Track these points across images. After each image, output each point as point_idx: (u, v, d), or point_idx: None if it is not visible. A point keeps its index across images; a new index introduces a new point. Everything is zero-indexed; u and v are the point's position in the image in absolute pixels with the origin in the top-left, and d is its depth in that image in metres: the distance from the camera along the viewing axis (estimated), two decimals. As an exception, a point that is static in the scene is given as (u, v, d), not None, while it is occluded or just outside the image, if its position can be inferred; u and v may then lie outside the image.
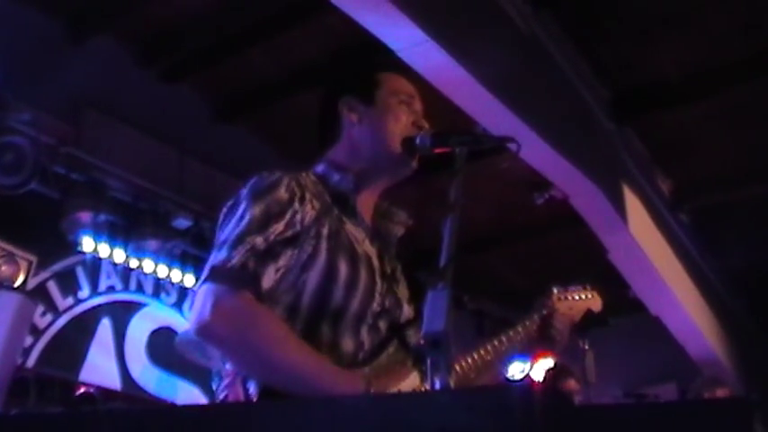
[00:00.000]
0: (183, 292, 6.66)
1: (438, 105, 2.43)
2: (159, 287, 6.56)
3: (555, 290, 2.54)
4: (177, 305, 6.67)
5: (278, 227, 1.97)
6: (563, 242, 7.60)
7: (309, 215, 2.02)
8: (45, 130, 5.61)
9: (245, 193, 2.05)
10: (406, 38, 4.45)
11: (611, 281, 6.84)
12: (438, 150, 2.14)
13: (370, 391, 1.83)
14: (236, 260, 1.90)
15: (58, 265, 5.90)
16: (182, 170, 6.61)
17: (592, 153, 6.05)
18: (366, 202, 2.22)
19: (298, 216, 2.00)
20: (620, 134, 6.63)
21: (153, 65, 6.40)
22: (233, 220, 2.00)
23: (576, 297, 2.58)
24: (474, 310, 8.46)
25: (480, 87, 4.81)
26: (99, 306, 6.15)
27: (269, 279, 1.93)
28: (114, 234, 6.07)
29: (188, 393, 6.37)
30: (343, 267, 2.01)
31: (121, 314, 6.28)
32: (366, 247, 2.12)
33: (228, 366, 2.01)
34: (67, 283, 5.97)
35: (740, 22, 5.61)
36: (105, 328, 6.14)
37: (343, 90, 2.26)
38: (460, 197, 1.87)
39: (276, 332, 1.89)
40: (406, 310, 2.15)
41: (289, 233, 1.97)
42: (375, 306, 2.05)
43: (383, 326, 2.05)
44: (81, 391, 4.98)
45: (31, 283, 5.61)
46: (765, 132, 6.46)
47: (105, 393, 5.26)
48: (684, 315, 7.20)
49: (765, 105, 6.15)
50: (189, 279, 6.48)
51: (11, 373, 4.14)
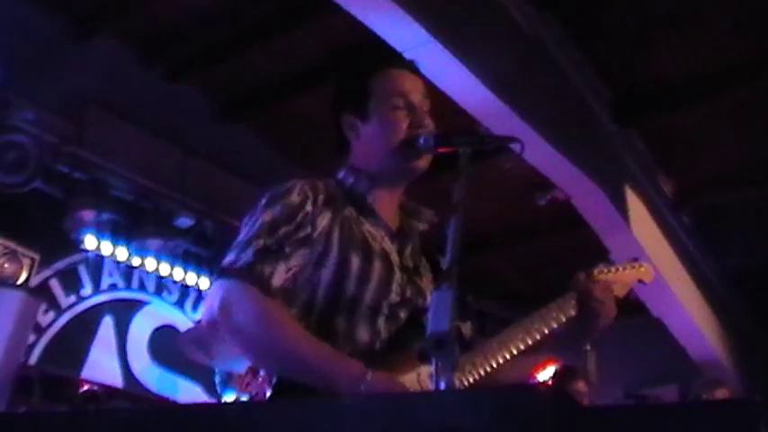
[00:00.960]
0: (185, 290, 6.67)
1: (441, 106, 2.43)
2: (161, 285, 6.57)
3: (598, 266, 2.49)
4: (179, 303, 6.68)
5: (288, 229, 2.02)
6: (565, 243, 7.58)
7: (322, 216, 2.08)
8: (48, 128, 5.62)
9: (261, 202, 2.12)
10: (409, 38, 4.46)
11: (612, 282, 6.83)
12: (441, 150, 2.15)
13: (366, 376, 1.85)
14: (242, 260, 1.97)
15: (60, 264, 5.92)
16: (184, 169, 6.62)
17: (594, 154, 6.06)
18: (386, 203, 2.25)
19: (309, 218, 2.05)
20: (622, 135, 6.62)
21: (156, 64, 6.40)
22: (247, 226, 2.08)
23: (622, 269, 2.54)
24: (475, 311, 8.46)
25: (483, 88, 4.82)
26: (101, 304, 6.16)
27: (279, 277, 1.98)
28: (117, 232, 6.08)
29: (190, 391, 6.37)
30: (355, 261, 2.06)
31: (124, 312, 6.29)
32: (384, 244, 2.16)
33: (244, 367, 2.09)
34: (70, 281, 5.98)
35: (743, 23, 5.60)
36: (107, 326, 6.15)
37: (341, 105, 2.29)
38: (464, 198, 1.88)
39: (274, 319, 1.94)
40: (430, 300, 2.17)
41: (300, 234, 2.03)
42: (393, 297, 2.09)
43: (404, 315, 2.10)
44: (85, 389, 4.98)
45: (34, 281, 5.61)
46: (768, 133, 6.46)
47: (108, 391, 5.26)
48: (686, 316, 7.20)
49: (768, 106, 6.15)
50: (191, 277, 6.49)
51: (15, 371, 4.15)
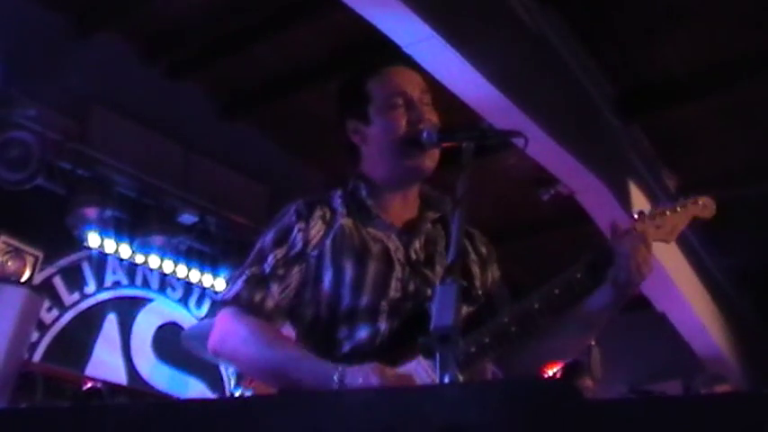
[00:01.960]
0: (189, 287, 6.68)
1: (443, 101, 2.42)
2: (165, 282, 6.57)
3: (640, 213, 2.29)
4: (183, 300, 6.68)
5: (279, 251, 2.13)
6: (568, 238, 7.57)
7: (315, 230, 2.16)
8: (51, 125, 5.63)
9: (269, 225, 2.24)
10: (412, 33, 4.45)
11: (616, 277, 6.82)
12: (445, 145, 2.15)
13: (334, 374, 1.88)
14: (232, 291, 2.12)
15: (63, 261, 5.92)
16: (187, 166, 6.62)
17: (598, 149, 6.04)
18: (398, 203, 2.27)
19: (300, 235, 2.15)
20: (626, 131, 6.61)
21: (158, 61, 6.40)
22: (251, 250, 2.21)
23: (669, 213, 2.28)
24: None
25: (486, 83, 4.80)
26: (105, 301, 6.17)
27: (273, 300, 2.10)
28: (120, 230, 6.09)
29: (194, 388, 6.38)
30: (348, 268, 2.12)
31: (127, 309, 6.30)
32: (389, 243, 2.18)
33: None
34: (73, 278, 5.99)
35: (747, 18, 5.58)
36: (111, 323, 6.16)
37: (344, 113, 2.31)
38: (468, 192, 1.87)
39: (250, 332, 2.05)
40: None
41: (291, 253, 2.14)
42: (392, 293, 2.12)
43: (408, 308, 2.11)
44: (88, 386, 4.98)
45: (37, 279, 5.62)
46: (772, 129, 6.44)
47: (112, 388, 5.27)
48: (690, 312, 7.19)
49: (772, 102, 6.13)
50: (194, 274, 6.50)
51: (18, 368, 4.15)
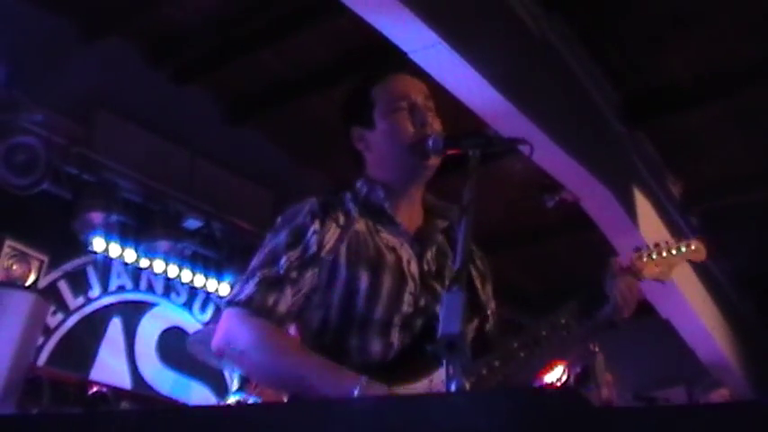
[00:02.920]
0: (194, 292, 6.68)
1: (449, 107, 2.43)
2: (169, 287, 6.57)
3: (637, 250, 2.39)
4: (187, 305, 6.68)
5: (293, 254, 2.08)
6: (573, 245, 7.59)
7: (331, 234, 2.12)
8: (57, 130, 5.64)
9: (277, 223, 2.18)
10: (417, 40, 4.46)
11: (621, 284, 6.82)
12: (451, 152, 2.15)
13: (357, 385, 1.86)
14: (245, 293, 2.04)
15: (68, 265, 5.93)
16: (192, 171, 6.63)
17: (603, 156, 6.05)
18: (405, 208, 2.26)
19: (315, 237, 2.10)
20: (631, 137, 6.61)
21: (164, 66, 6.41)
22: (261, 249, 2.14)
23: (665, 253, 2.41)
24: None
25: (491, 89, 4.81)
26: (110, 306, 6.17)
27: (286, 303, 2.04)
28: (125, 234, 6.09)
29: (198, 393, 6.38)
30: (363, 279, 2.08)
31: (132, 314, 6.30)
32: (401, 252, 2.16)
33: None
34: (78, 282, 5.99)
35: (751, 24, 5.59)
36: (116, 327, 6.16)
37: (348, 121, 2.31)
38: (474, 200, 1.88)
39: (260, 337, 2.00)
40: None
41: (306, 256, 2.08)
42: (405, 308, 2.09)
43: (419, 324, 2.10)
44: (94, 390, 4.98)
45: (43, 283, 5.63)
46: (776, 135, 6.45)
47: (117, 393, 5.27)
48: (694, 318, 7.18)
49: (776, 108, 6.14)
50: (199, 279, 6.51)
51: (25, 373, 4.16)
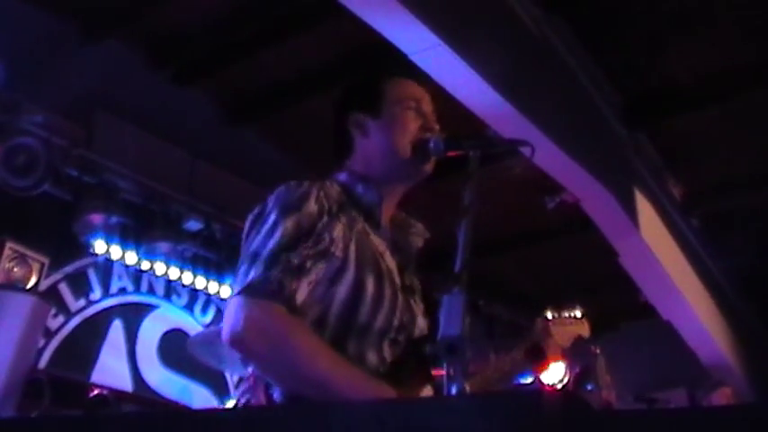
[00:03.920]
0: (194, 294, 6.68)
1: (449, 109, 2.43)
2: (170, 289, 6.57)
3: (549, 315, 2.64)
4: (188, 307, 6.68)
5: (309, 243, 1.97)
6: (574, 246, 7.58)
7: (338, 228, 2.03)
8: (57, 131, 5.63)
9: (272, 203, 2.05)
10: (417, 41, 4.45)
11: (622, 285, 6.83)
12: (451, 154, 2.14)
13: None
14: (273, 276, 1.91)
15: (69, 267, 5.93)
16: (193, 172, 6.64)
17: (603, 157, 6.04)
18: (386, 212, 2.22)
19: (327, 230, 2.01)
20: (631, 139, 6.61)
21: (164, 67, 6.41)
22: (263, 231, 2.00)
23: (568, 323, 2.66)
24: (484, 314, 8.45)
25: (492, 91, 4.80)
26: (110, 308, 6.16)
27: (302, 294, 1.94)
28: (126, 236, 6.09)
29: (199, 396, 6.38)
30: (370, 284, 2.02)
31: (133, 316, 6.29)
32: (388, 261, 2.12)
33: (249, 370, 2.01)
34: (79, 284, 5.99)
35: (752, 26, 5.59)
36: (117, 329, 6.16)
37: (349, 106, 2.27)
38: (475, 201, 1.87)
39: (309, 346, 1.90)
40: (421, 324, 2.14)
41: (319, 248, 1.98)
42: (396, 322, 2.05)
43: (402, 340, 2.06)
44: (95, 393, 4.98)
45: (43, 285, 5.63)
46: (778, 137, 6.44)
47: (118, 395, 5.27)
48: (695, 320, 7.17)
49: (777, 110, 6.13)
50: (200, 281, 6.51)
51: (25, 375, 4.15)
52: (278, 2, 5.68)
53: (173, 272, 6.33)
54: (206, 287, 6.55)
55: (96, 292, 6.09)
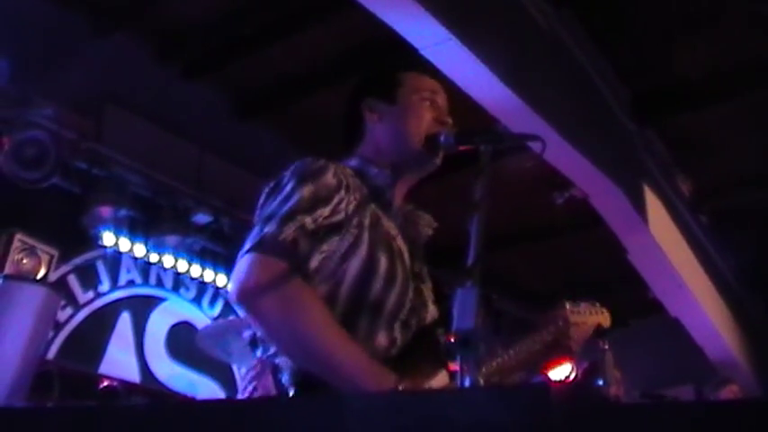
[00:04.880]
0: (203, 287, 6.70)
1: (459, 103, 2.43)
2: (179, 282, 6.59)
3: (567, 305, 2.61)
4: (196, 300, 6.70)
5: (324, 211, 1.95)
6: (582, 242, 7.58)
7: (353, 204, 2.02)
8: (67, 125, 5.65)
9: (290, 174, 2.04)
10: (428, 36, 4.45)
11: (630, 282, 6.82)
12: (462, 148, 2.14)
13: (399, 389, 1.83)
14: (286, 234, 1.89)
15: (78, 259, 5.95)
16: (201, 166, 6.65)
17: (612, 153, 6.04)
18: (397, 198, 2.24)
19: (343, 203, 1.99)
20: (640, 134, 6.60)
21: (173, 61, 6.41)
22: (279, 198, 1.99)
23: (588, 312, 2.66)
24: (491, 309, 8.44)
25: (502, 85, 4.81)
26: (119, 300, 6.19)
27: (315, 260, 1.92)
28: (134, 229, 6.11)
29: (207, 388, 6.39)
30: (383, 260, 2.02)
31: (141, 308, 6.31)
32: (400, 244, 2.13)
33: (256, 357, 2.00)
34: (88, 277, 6.01)
35: (762, 22, 5.57)
36: (125, 322, 6.18)
37: (365, 91, 2.29)
38: (486, 196, 1.87)
39: (320, 318, 1.88)
40: (432, 311, 2.15)
41: (335, 219, 1.96)
42: (408, 303, 2.05)
43: (414, 324, 2.06)
44: (104, 384, 5.00)
45: (52, 277, 5.64)
46: (787, 133, 6.42)
47: (128, 388, 5.29)
48: (703, 316, 7.17)
49: (787, 106, 6.11)
50: (208, 274, 6.53)
51: (36, 367, 4.16)
52: (287, -4, 5.68)
53: (181, 265, 6.34)
54: (214, 280, 6.57)
55: (105, 285, 6.11)
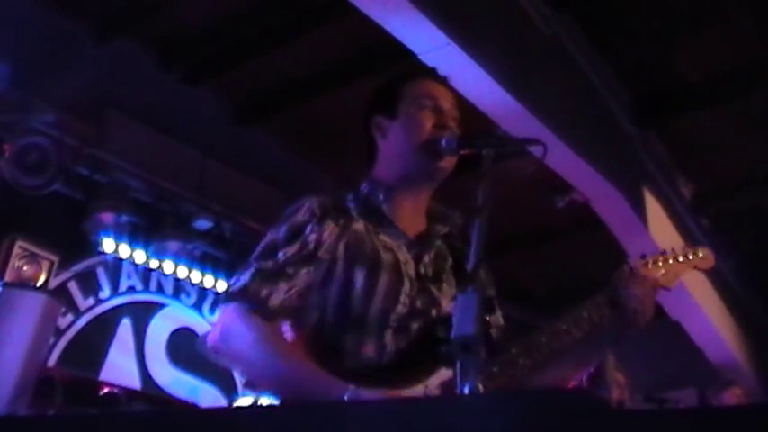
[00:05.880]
0: (203, 292, 6.68)
1: (459, 108, 2.43)
2: (179, 288, 6.58)
3: (642, 258, 2.36)
4: (197, 306, 6.68)
5: (290, 249, 2.08)
6: (583, 246, 7.56)
7: (328, 233, 2.12)
8: (68, 131, 5.65)
9: (280, 218, 2.19)
10: (427, 41, 4.46)
11: (631, 285, 6.79)
12: (464, 152, 2.15)
13: (345, 393, 1.85)
14: (239, 282, 2.05)
15: (79, 266, 5.94)
16: (203, 171, 6.64)
17: (613, 156, 6.03)
18: (409, 209, 2.25)
19: (313, 236, 2.10)
20: (641, 137, 6.59)
21: (175, 67, 6.42)
22: (260, 243, 2.15)
23: (671, 261, 2.36)
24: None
25: (501, 90, 4.81)
26: (119, 306, 6.18)
27: (278, 297, 2.04)
28: (135, 235, 6.11)
29: (207, 394, 6.38)
30: (359, 277, 2.08)
31: (142, 314, 6.31)
32: (399, 254, 2.15)
33: None
34: (88, 283, 6.01)
35: (763, 24, 5.57)
36: (125, 328, 6.17)
37: (372, 110, 2.32)
38: (488, 200, 1.87)
39: (256, 336, 1.99)
40: (446, 307, 2.14)
41: (303, 252, 2.08)
42: (400, 308, 2.08)
43: (415, 326, 2.07)
44: (105, 391, 4.99)
45: (53, 283, 5.64)
46: (788, 136, 6.42)
47: (129, 394, 5.28)
48: (705, 319, 7.15)
49: (788, 109, 6.11)
50: (209, 280, 6.52)
51: (37, 374, 4.16)
52: (288, 1, 5.69)
53: (181, 271, 6.33)
54: (215, 286, 6.55)
55: (105, 291, 6.11)
